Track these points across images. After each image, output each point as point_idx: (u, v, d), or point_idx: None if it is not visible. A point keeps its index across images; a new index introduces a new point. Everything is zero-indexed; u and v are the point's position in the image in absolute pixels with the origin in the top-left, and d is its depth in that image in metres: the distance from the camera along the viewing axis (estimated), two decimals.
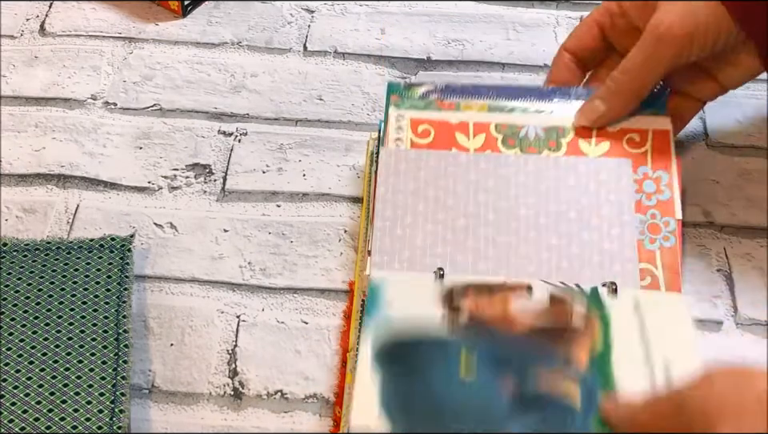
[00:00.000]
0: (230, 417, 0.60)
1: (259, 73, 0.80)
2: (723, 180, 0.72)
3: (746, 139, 0.75)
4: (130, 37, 0.83)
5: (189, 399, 0.61)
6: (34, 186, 0.72)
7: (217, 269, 0.67)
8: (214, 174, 0.73)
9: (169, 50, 0.82)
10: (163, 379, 0.62)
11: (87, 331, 0.61)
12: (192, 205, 0.71)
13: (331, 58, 0.82)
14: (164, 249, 0.68)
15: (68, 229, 0.69)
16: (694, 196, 0.71)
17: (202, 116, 0.77)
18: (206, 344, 0.63)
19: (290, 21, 0.85)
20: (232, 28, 0.84)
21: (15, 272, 0.64)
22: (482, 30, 0.84)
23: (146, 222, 0.70)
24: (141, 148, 0.75)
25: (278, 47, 0.82)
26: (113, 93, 0.79)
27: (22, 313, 0.61)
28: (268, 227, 0.70)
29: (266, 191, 0.72)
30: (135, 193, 0.72)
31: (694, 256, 0.67)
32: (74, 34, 0.83)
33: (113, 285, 0.63)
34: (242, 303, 0.65)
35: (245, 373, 0.62)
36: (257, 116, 0.77)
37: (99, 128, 0.76)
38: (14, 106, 0.78)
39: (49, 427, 0.56)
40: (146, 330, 0.64)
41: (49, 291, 0.63)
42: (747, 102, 0.77)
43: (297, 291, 0.66)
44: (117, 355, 0.60)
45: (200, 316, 0.65)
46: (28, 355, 0.59)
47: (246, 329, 0.64)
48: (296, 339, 0.64)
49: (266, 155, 0.74)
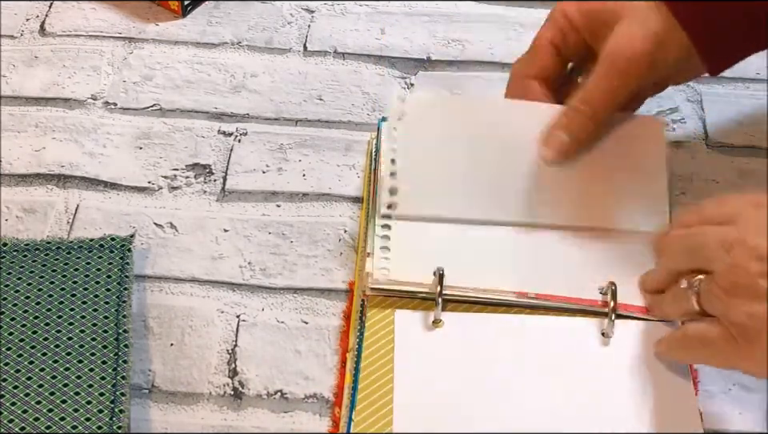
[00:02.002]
0: (230, 417, 0.60)
1: (259, 73, 0.80)
2: (723, 180, 0.72)
3: (746, 139, 0.75)
4: (129, 37, 0.83)
5: (189, 399, 0.61)
6: (34, 186, 0.72)
7: (217, 269, 0.67)
8: (214, 174, 0.73)
9: (169, 50, 0.82)
10: (163, 379, 0.62)
11: (87, 331, 0.61)
12: (192, 205, 0.71)
13: (331, 58, 0.82)
14: (164, 249, 0.68)
15: (68, 229, 0.69)
16: (694, 196, 0.71)
17: (201, 116, 0.77)
18: (205, 344, 0.63)
19: (290, 21, 0.85)
20: (232, 28, 0.84)
21: (15, 272, 0.64)
22: (482, 30, 0.84)
23: (146, 222, 0.70)
24: (141, 148, 0.75)
25: (278, 47, 0.82)
26: (113, 93, 0.79)
27: (21, 313, 0.61)
28: (268, 227, 0.70)
29: (266, 191, 0.72)
30: (135, 193, 0.72)
31: None
32: (73, 34, 0.83)
33: (113, 285, 0.63)
34: (242, 302, 0.65)
35: (245, 373, 0.62)
36: (257, 116, 0.77)
37: (99, 128, 0.76)
38: (14, 106, 0.78)
39: (49, 427, 0.56)
40: (145, 330, 0.64)
41: (49, 291, 0.63)
42: (747, 102, 0.77)
43: (297, 291, 0.66)
44: (117, 355, 0.59)
45: (200, 316, 0.65)
46: (28, 355, 0.59)
47: (246, 329, 0.64)
48: (296, 339, 0.64)
49: (265, 155, 0.74)
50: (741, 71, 0.79)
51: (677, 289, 0.57)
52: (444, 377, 0.59)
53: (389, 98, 0.77)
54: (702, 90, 0.78)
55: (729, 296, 0.52)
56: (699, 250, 0.55)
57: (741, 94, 0.78)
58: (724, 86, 0.79)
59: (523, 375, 0.59)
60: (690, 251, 0.56)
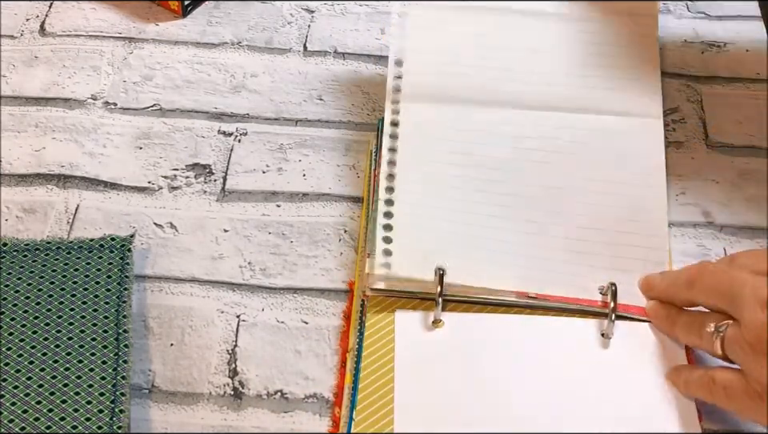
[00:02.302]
0: (230, 417, 0.60)
1: (259, 73, 0.80)
2: (723, 180, 0.72)
3: (746, 139, 0.75)
4: (130, 37, 0.83)
5: (189, 399, 0.61)
6: (34, 186, 0.72)
7: (217, 269, 0.67)
8: (214, 174, 0.73)
9: (169, 50, 0.82)
10: (163, 379, 0.62)
11: (87, 331, 0.61)
12: (192, 205, 0.71)
13: (331, 58, 0.82)
14: (164, 249, 0.68)
15: (68, 229, 0.69)
16: (694, 196, 0.71)
17: (201, 116, 0.77)
18: (205, 344, 0.63)
19: (290, 21, 0.85)
20: (232, 28, 0.84)
21: (15, 272, 0.64)
22: None
23: (146, 222, 0.70)
24: (141, 148, 0.75)
25: (278, 47, 0.82)
26: (113, 93, 0.79)
27: (22, 313, 0.61)
28: (268, 227, 0.70)
29: (266, 191, 0.72)
30: (135, 193, 0.72)
31: (694, 256, 0.67)
32: (73, 34, 0.83)
33: (113, 285, 0.63)
34: (242, 303, 0.65)
35: (245, 373, 0.62)
36: (257, 116, 0.77)
37: (99, 128, 0.76)
38: (14, 106, 0.78)
39: (49, 427, 0.56)
40: (145, 330, 0.64)
41: (49, 291, 0.63)
42: (747, 102, 0.77)
43: (297, 291, 0.66)
44: (117, 355, 0.60)
45: (200, 316, 0.65)
46: (28, 355, 0.59)
47: (246, 329, 0.64)
48: (296, 339, 0.64)
49: (265, 155, 0.74)
50: (741, 71, 0.79)
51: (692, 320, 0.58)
52: (444, 377, 0.59)
53: None
54: (702, 90, 0.78)
55: (755, 352, 0.52)
56: (733, 297, 0.54)
57: (741, 94, 0.77)
58: (724, 86, 0.79)
59: (523, 376, 0.59)
60: (722, 295, 0.55)
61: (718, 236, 0.69)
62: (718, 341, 0.55)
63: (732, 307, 0.54)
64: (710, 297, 0.56)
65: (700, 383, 0.57)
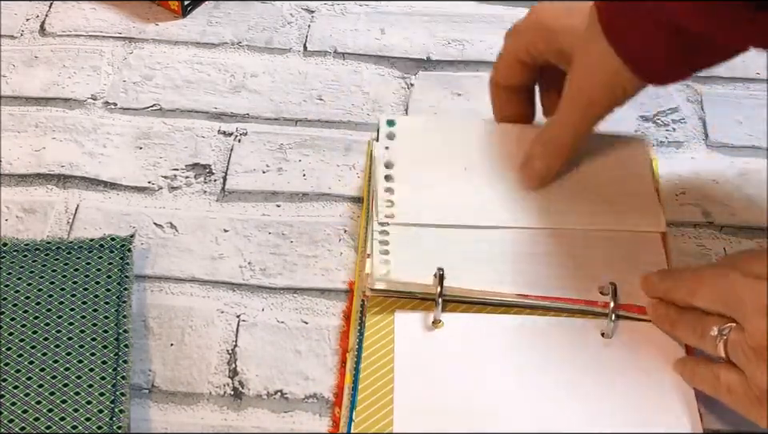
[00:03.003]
0: (230, 417, 0.60)
1: (259, 73, 0.80)
2: (723, 180, 0.72)
3: (745, 139, 0.75)
4: (130, 37, 0.83)
5: (189, 399, 0.61)
6: (34, 186, 0.72)
7: (217, 269, 0.67)
8: (214, 174, 0.73)
9: (169, 50, 0.82)
10: (163, 379, 0.62)
11: (87, 331, 0.61)
12: (192, 205, 0.71)
13: (331, 58, 0.82)
14: (164, 249, 0.68)
15: (68, 229, 0.69)
16: (694, 196, 0.71)
17: (202, 116, 0.77)
18: (205, 344, 0.63)
19: (290, 21, 0.85)
20: (232, 28, 0.84)
21: (15, 272, 0.64)
22: (482, 30, 0.84)
23: (146, 222, 0.70)
24: (141, 148, 0.75)
25: (278, 47, 0.82)
26: (113, 93, 0.79)
27: (22, 313, 0.61)
28: (268, 227, 0.70)
29: (266, 191, 0.72)
30: (135, 193, 0.72)
31: (694, 256, 0.67)
32: (73, 34, 0.83)
33: (113, 285, 0.63)
34: (242, 303, 0.65)
35: (245, 373, 0.62)
36: (257, 116, 0.77)
37: (99, 128, 0.76)
38: (14, 106, 0.78)
39: (49, 427, 0.56)
40: (145, 330, 0.64)
41: (49, 291, 0.63)
42: (747, 102, 0.77)
43: (297, 291, 0.66)
44: (117, 355, 0.60)
45: (200, 316, 0.65)
46: (28, 355, 0.59)
47: (246, 329, 0.64)
48: (296, 339, 0.64)
49: (266, 155, 0.74)
50: (741, 71, 0.79)
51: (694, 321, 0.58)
52: (444, 377, 0.59)
53: (386, 97, 0.78)
54: (702, 90, 0.78)
55: (757, 357, 0.53)
56: (735, 304, 0.55)
57: (741, 94, 0.77)
58: (724, 86, 0.79)
59: (523, 376, 0.59)
60: (724, 303, 0.56)
61: (717, 236, 0.69)
62: (721, 344, 0.55)
63: (735, 313, 0.55)
64: (712, 304, 0.56)
65: (705, 378, 0.57)
